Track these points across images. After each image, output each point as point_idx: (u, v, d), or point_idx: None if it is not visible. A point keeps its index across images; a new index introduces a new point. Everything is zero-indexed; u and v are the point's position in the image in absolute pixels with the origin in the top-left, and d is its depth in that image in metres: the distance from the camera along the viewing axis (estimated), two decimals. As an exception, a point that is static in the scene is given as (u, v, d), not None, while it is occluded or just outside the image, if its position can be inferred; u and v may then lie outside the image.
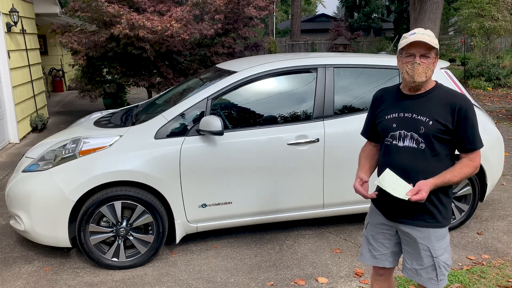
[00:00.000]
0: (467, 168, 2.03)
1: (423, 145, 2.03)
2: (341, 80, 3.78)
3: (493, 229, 4.02)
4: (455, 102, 2.01)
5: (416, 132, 2.03)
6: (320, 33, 31.55)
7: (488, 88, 13.04)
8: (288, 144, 3.56)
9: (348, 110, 3.74)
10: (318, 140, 3.60)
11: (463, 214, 3.96)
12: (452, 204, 3.91)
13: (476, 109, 3.96)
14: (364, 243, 2.34)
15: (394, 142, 2.09)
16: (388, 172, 2.04)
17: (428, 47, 1.98)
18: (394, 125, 2.09)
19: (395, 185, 1.99)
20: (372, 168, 2.30)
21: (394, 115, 2.11)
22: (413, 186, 2.01)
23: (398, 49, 2.08)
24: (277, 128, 3.59)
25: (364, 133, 2.37)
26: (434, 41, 1.98)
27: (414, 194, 1.95)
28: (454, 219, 3.96)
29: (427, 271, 2.11)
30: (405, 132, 2.06)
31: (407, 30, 21.89)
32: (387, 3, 31.33)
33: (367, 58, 3.93)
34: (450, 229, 3.96)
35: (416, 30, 2.02)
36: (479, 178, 3.94)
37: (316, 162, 3.61)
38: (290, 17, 30.72)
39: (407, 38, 2.00)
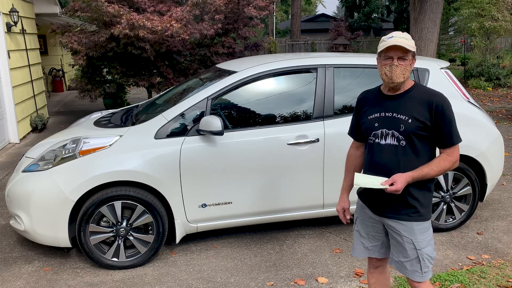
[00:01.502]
0: (445, 162, 2.13)
1: (403, 142, 2.14)
2: (341, 80, 3.78)
3: (493, 229, 4.02)
4: (432, 100, 2.12)
5: (397, 130, 2.14)
6: (320, 33, 31.55)
7: (488, 88, 13.04)
8: (288, 144, 3.56)
9: (348, 110, 3.74)
10: (318, 140, 3.60)
11: (463, 214, 3.96)
12: (452, 204, 3.91)
13: (476, 109, 3.96)
14: (355, 237, 2.43)
15: (376, 140, 2.20)
16: (357, 177, 2.14)
17: (405, 50, 2.08)
18: (376, 124, 2.20)
19: (371, 182, 2.09)
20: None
21: (376, 115, 2.22)
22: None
23: (377, 52, 2.19)
24: (277, 128, 3.59)
25: (351, 133, 2.48)
26: (411, 44, 2.09)
27: (390, 185, 2.05)
28: (454, 219, 3.96)
29: (412, 264, 2.19)
30: (386, 130, 2.17)
31: (407, 30, 21.88)
32: (387, 3, 31.35)
33: (367, 58, 3.93)
34: (450, 229, 3.96)
35: (394, 33, 2.12)
36: (479, 178, 3.94)
37: (316, 162, 3.61)
38: (290, 17, 30.72)
39: (386, 41, 2.11)
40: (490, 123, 4.01)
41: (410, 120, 2.11)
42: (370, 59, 3.91)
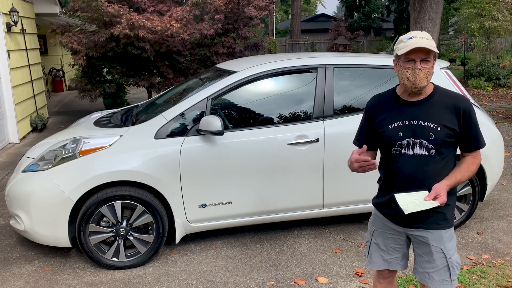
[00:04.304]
0: (473, 166, 2.08)
1: (433, 151, 2.02)
2: (341, 80, 3.78)
3: (493, 229, 4.02)
4: (458, 105, 2.02)
5: (426, 139, 2.01)
6: (320, 33, 31.55)
7: (488, 88, 13.04)
8: (288, 144, 3.56)
9: (348, 110, 3.74)
10: (318, 140, 3.60)
11: (463, 214, 3.96)
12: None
13: (476, 109, 3.96)
14: (373, 249, 2.29)
15: (403, 151, 2.06)
16: (399, 198, 2.01)
17: (428, 51, 1.94)
18: (401, 134, 2.05)
19: (415, 201, 1.98)
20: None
21: (398, 123, 2.06)
22: (427, 191, 2.02)
23: (395, 53, 2.04)
24: (277, 128, 3.59)
25: (358, 141, 2.28)
26: (432, 44, 1.94)
27: (435, 198, 1.95)
28: (454, 219, 3.96)
29: (440, 273, 2.09)
30: (413, 140, 2.03)
31: (407, 30, 21.88)
32: (387, 3, 31.35)
33: (367, 58, 3.93)
34: (450, 229, 3.96)
35: (414, 33, 1.97)
36: (479, 178, 3.94)
37: (316, 162, 3.61)
38: (290, 17, 30.71)
39: (406, 42, 1.96)
40: (490, 123, 4.02)
41: (439, 128, 1.99)
42: (370, 59, 3.91)
